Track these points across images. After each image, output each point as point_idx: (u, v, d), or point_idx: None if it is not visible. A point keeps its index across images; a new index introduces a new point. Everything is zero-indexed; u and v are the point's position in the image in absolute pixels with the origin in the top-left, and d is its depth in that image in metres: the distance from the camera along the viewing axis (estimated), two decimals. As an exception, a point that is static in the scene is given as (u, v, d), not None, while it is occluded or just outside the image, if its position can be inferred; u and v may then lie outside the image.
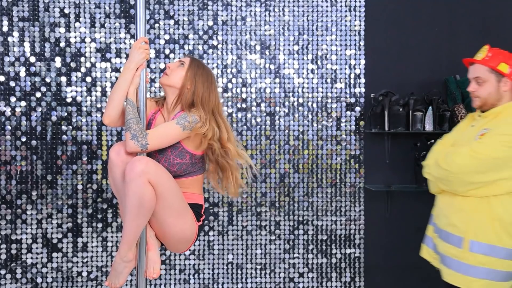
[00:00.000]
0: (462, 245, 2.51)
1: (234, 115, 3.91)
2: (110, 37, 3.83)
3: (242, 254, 3.92)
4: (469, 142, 2.54)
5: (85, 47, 3.82)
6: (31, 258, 3.77)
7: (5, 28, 3.76)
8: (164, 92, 2.51)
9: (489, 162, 2.44)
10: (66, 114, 3.80)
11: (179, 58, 2.59)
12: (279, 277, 3.94)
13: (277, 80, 3.93)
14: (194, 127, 2.36)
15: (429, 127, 3.88)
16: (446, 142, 2.74)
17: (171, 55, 3.86)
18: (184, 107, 2.42)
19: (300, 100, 3.94)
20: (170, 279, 3.89)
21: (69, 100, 3.80)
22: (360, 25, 3.96)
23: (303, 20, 3.95)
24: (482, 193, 2.49)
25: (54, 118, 3.79)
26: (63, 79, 3.80)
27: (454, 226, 2.55)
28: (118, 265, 2.31)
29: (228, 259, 3.91)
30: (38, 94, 3.78)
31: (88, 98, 3.82)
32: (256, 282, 3.92)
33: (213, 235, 3.91)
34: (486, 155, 2.44)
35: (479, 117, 2.65)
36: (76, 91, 3.81)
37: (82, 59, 3.81)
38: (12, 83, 3.76)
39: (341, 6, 3.96)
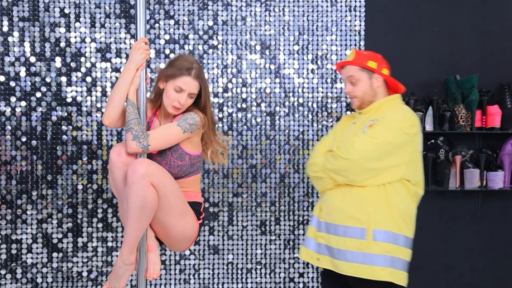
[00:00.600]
0: (365, 236, 2.52)
1: (234, 115, 3.91)
2: (110, 37, 3.83)
3: (242, 254, 3.92)
4: (357, 135, 2.59)
5: (85, 47, 3.82)
6: (31, 258, 3.77)
7: (5, 28, 3.76)
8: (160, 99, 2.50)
9: (386, 147, 2.50)
10: (66, 114, 3.80)
11: (189, 68, 2.44)
12: (279, 277, 3.94)
13: (277, 80, 3.93)
14: (194, 130, 2.39)
15: (429, 127, 3.88)
16: (326, 143, 2.76)
17: (171, 55, 3.86)
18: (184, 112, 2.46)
19: (300, 100, 3.94)
20: (170, 279, 3.89)
21: (69, 100, 3.81)
22: (360, 25, 3.96)
23: (303, 20, 3.95)
24: (379, 181, 2.53)
25: (54, 118, 3.79)
26: (63, 79, 3.80)
27: (354, 218, 2.54)
28: (119, 268, 2.31)
29: (228, 259, 3.92)
30: (38, 94, 3.78)
31: (88, 98, 3.82)
32: (256, 282, 3.92)
33: (213, 235, 3.91)
34: (385, 140, 2.50)
35: (360, 115, 2.73)
36: (76, 91, 3.81)
37: (82, 59, 3.81)
38: (12, 83, 3.76)
39: (341, 6, 3.96)
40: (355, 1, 3.96)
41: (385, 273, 2.50)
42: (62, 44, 3.80)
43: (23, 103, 3.77)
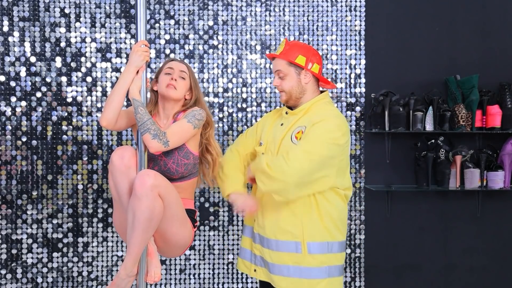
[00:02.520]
0: (300, 249, 2.49)
1: (234, 115, 3.91)
2: (110, 37, 3.83)
3: (242, 254, 3.92)
4: (287, 144, 2.50)
5: (86, 47, 3.82)
6: (32, 258, 3.78)
7: (5, 28, 3.76)
8: (158, 100, 2.54)
9: (321, 161, 2.43)
10: (66, 114, 3.80)
11: (172, 59, 2.55)
12: (279, 277, 3.94)
13: (278, 80, 3.92)
14: (200, 126, 2.43)
15: (429, 127, 3.88)
16: (246, 143, 2.71)
17: (171, 55, 3.86)
18: (185, 109, 2.49)
19: (301, 100, 3.94)
20: (170, 279, 3.89)
21: (69, 100, 3.81)
22: (360, 25, 3.96)
23: (304, 20, 3.95)
24: (310, 192, 2.48)
25: (54, 118, 3.79)
26: (64, 79, 3.80)
27: (287, 232, 2.50)
28: (121, 280, 2.30)
29: (228, 259, 3.91)
30: (39, 94, 3.79)
31: (89, 98, 3.82)
32: (256, 282, 3.92)
33: (213, 235, 3.91)
34: (320, 154, 2.41)
35: (287, 115, 2.63)
36: (76, 91, 3.81)
37: (83, 59, 3.82)
38: (12, 83, 3.76)
39: (341, 6, 3.95)
40: (355, 1, 3.95)
41: (323, 285, 2.49)
42: (63, 44, 3.80)
43: (24, 103, 3.77)
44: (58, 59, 3.80)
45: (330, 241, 2.52)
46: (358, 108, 3.96)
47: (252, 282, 3.93)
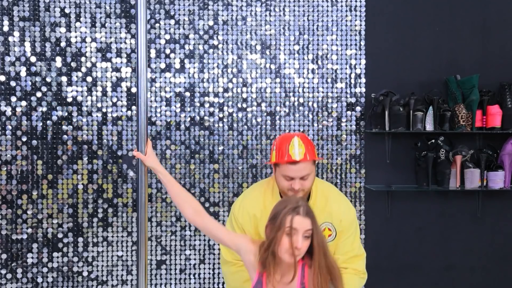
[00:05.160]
0: None
1: (234, 115, 3.91)
2: (110, 37, 3.83)
3: (242, 254, 3.92)
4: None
5: (86, 47, 3.82)
6: (32, 257, 3.78)
7: (5, 28, 3.76)
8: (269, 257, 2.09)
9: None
10: (66, 114, 3.80)
11: (295, 212, 2.05)
12: (280, 277, 3.94)
13: (278, 80, 3.93)
14: None
15: (429, 127, 3.88)
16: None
17: (172, 55, 3.86)
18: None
19: (301, 100, 3.94)
20: (170, 279, 3.89)
21: (69, 100, 3.81)
22: (360, 25, 3.96)
23: (304, 20, 3.94)
24: None
25: (54, 118, 3.79)
26: (64, 78, 3.80)
27: None
28: None
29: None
30: (39, 94, 3.78)
31: (89, 98, 3.82)
32: (256, 282, 3.91)
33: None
34: (362, 259, 2.58)
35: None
36: (76, 91, 3.81)
37: (83, 58, 3.81)
38: (12, 83, 3.76)
39: (341, 6, 3.95)
40: (356, 1, 3.95)
41: None
42: (63, 44, 3.80)
43: (24, 103, 3.77)
44: (58, 59, 3.80)
45: None
46: (358, 108, 3.96)
47: (252, 282, 3.93)
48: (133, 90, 3.84)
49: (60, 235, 3.80)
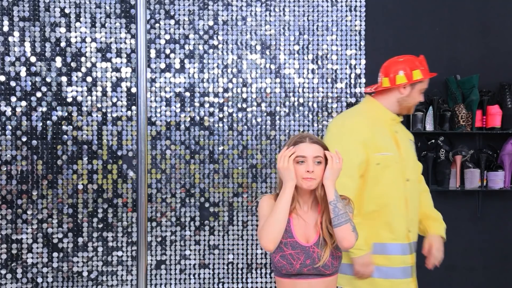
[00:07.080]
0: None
1: (234, 115, 3.91)
2: (110, 37, 3.83)
3: (242, 254, 3.92)
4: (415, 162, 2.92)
5: (86, 47, 3.82)
6: (32, 258, 3.77)
7: (5, 28, 3.76)
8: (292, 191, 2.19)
9: None
10: (66, 114, 3.80)
11: (301, 139, 2.22)
12: (280, 277, 3.94)
13: (278, 80, 3.93)
14: None
15: (429, 127, 3.88)
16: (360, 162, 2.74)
17: (172, 55, 3.86)
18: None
19: (301, 100, 3.94)
20: (170, 279, 3.89)
21: (69, 100, 3.81)
22: (360, 25, 3.96)
23: (304, 20, 3.95)
24: None
25: (54, 118, 3.79)
26: (64, 79, 3.80)
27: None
28: None
29: (228, 259, 3.91)
30: (39, 94, 3.78)
31: (89, 98, 3.82)
32: (256, 282, 3.92)
33: (213, 235, 3.90)
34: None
35: (393, 121, 2.91)
36: (76, 91, 3.81)
37: (83, 59, 3.81)
38: (12, 83, 3.76)
39: (341, 6, 3.95)
40: (356, 1, 3.95)
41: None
42: (63, 44, 3.80)
43: (24, 103, 3.77)
44: (58, 59, 3.80)
45: None
46: (358, 108, 3.96)
47: (252, 282, 3.93)
48: (133, 90, 3.84)
49: (60, 235, 3.80)
